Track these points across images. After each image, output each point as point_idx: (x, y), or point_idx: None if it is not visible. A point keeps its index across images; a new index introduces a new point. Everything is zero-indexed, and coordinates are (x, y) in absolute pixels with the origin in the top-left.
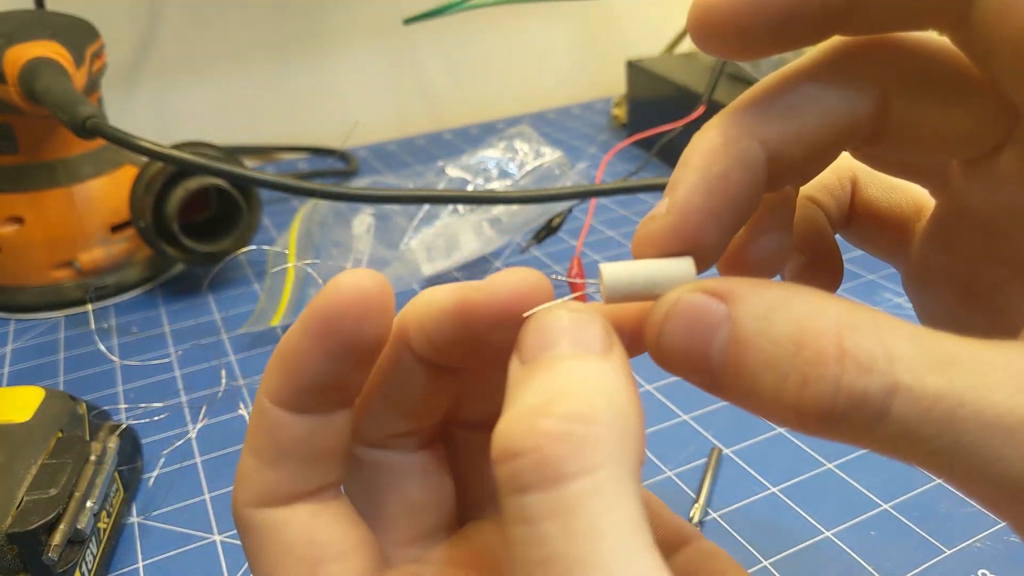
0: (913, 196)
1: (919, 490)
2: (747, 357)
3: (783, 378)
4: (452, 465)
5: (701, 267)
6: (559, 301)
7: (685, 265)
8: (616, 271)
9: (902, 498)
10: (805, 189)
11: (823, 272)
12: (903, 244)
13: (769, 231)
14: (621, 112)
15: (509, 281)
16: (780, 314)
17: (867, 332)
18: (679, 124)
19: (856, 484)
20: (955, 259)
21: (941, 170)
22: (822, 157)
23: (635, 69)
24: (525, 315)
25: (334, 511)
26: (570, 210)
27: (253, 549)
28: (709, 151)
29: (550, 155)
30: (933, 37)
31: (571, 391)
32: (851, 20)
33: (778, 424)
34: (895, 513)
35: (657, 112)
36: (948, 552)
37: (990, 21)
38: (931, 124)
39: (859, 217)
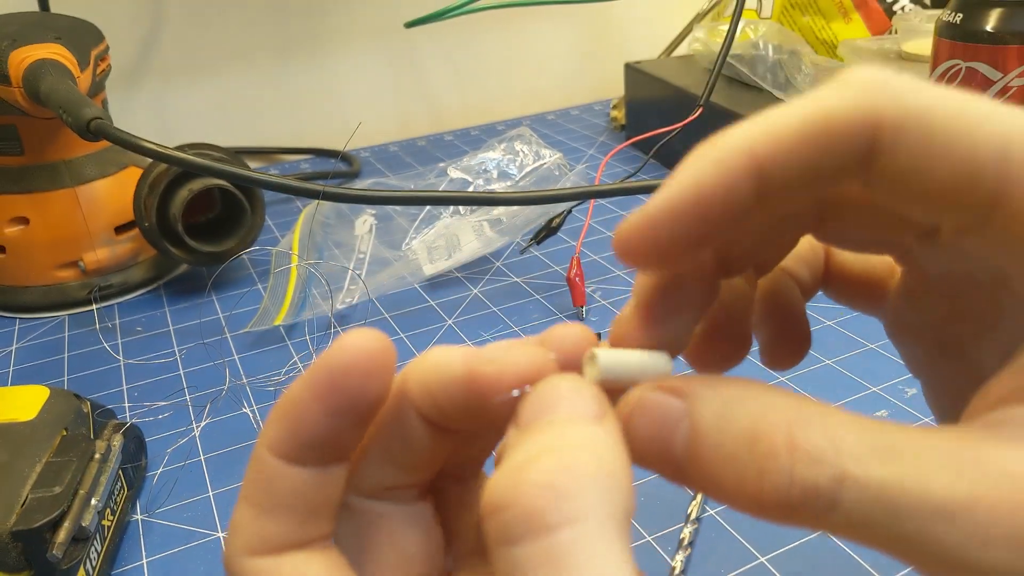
0: (885, 259)
1: None
2: (706, 451)
3: (742, 470)
4: (441, 516)
5: (675, 354)
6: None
7: (661, 360)
8: (609, 360)
9: None
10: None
11: (789, 342)
12: (879, 301)
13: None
14: (620, 114)
15: (520, 358)
16: (735, 410)
17: (815, 426)
18: (677, 126)
19: None
20: (924, 317)
21: (899, 244)
22: (776, 246)
23: (633, 72)
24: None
25: (325, 561)
26: (569, 211)
27: None
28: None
29: (550, 157)
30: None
31: (558, 447)
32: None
33: (743, 512)
34: None
35: (655, 114)
36: None
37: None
38: (872, 212)
39: (835, 280)
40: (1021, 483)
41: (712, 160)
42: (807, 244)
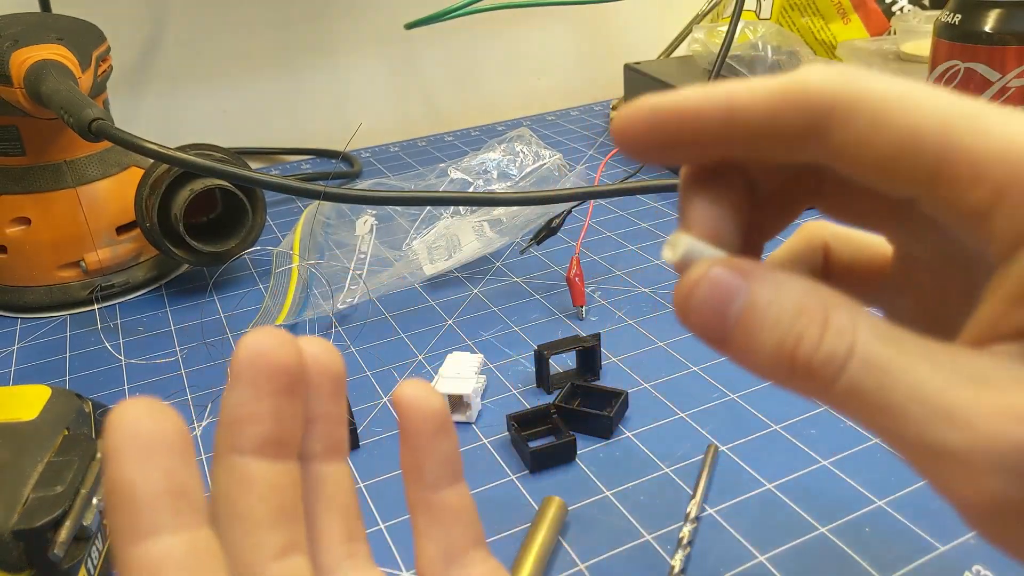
0: (882, 252)
1: (913, 487)
2: (756, 318)
3: (783, 335)
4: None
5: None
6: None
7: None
8: (690, 245)
9: (896, 495)
10: (777, 257)
11: None
12: (876, 291)
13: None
14: None
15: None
16: (786, 290)
17: (844, 310)
18: None
19: (851, 481)
20: (915, 302)
21: (887, 221)
22: (784, 212)
23: (633, 72)
24: None
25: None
26: (569, 211)
27: None
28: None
29: (550, 157)
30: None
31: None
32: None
33: (765, 376)
34: (889, 510)
35: None
36: (942, 548)
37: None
38: (855, 187)
39: (835, 277)
40: (983, 385)
41: (695, 89)
42: (805, 244)
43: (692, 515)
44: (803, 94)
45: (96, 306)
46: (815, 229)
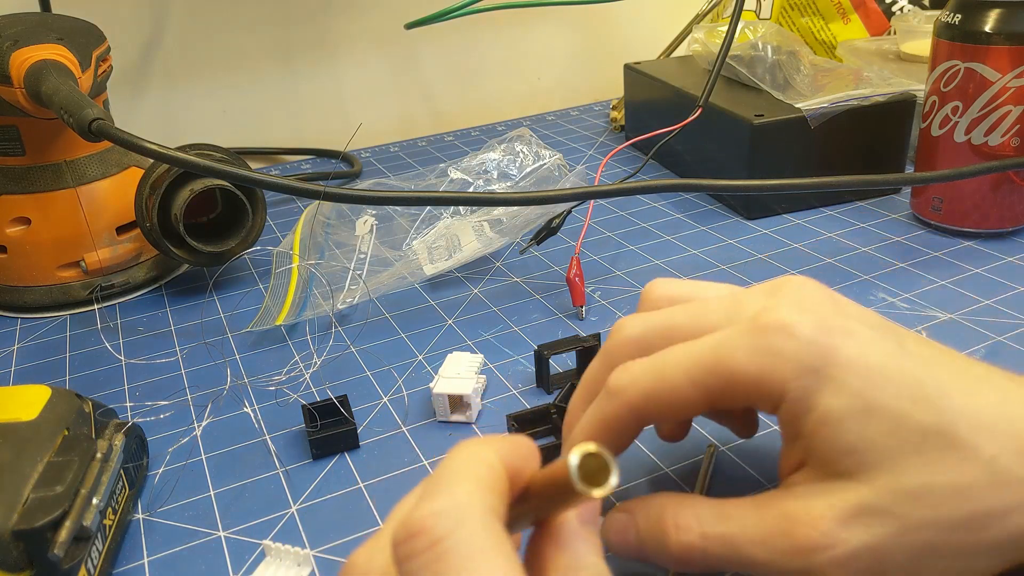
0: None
1: None
2: (644, 536)
3: (659, 542)
4: None
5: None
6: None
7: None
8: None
9: None
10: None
11: (744, 426)
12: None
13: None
14: (619, 115)
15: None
16: (652, 512)
17: (686, 512)
18: (677, 127)
19: None
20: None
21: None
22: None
23: (633, 73)
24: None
25: None
26: (569, 211)
27: None
28: (574, 414)
29: (549, 157)
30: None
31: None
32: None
33: (666, 566)
34: None
35: (654, 115)
36: None
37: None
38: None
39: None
40: (790, 516)
41: (611, 416)
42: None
43: None
44: (617, 424)
45: (96, 306)
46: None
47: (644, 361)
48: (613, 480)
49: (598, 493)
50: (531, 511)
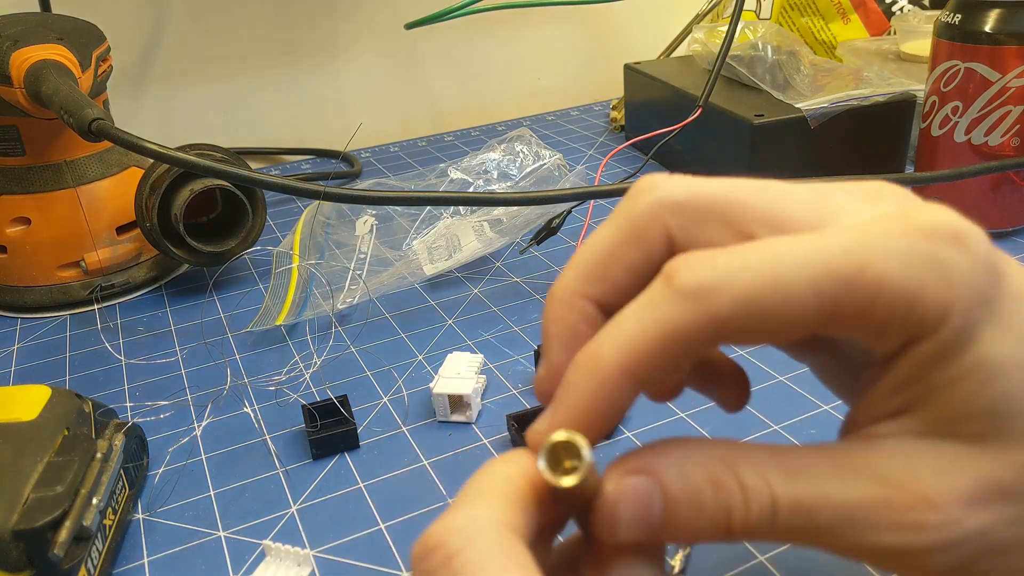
0: None
1: None
2: (682, 508)
3: (713, 514)
4: None
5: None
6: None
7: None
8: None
9: None
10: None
11: (733, 391)
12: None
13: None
14: (619, 115)
15: None
16: (691, 470)
17: (749, 466)
18: (677, 127)
19: None
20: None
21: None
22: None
23: (633, 73)
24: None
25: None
26: (569, 211)
27: None
28: (556, 319)
29: (549, 157)
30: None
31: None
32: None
33: (704, 542)
34: None
35: (654, 115)
36: None
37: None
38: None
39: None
40: (889, 481)
41: (596, 386)
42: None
43: None
44: (693, 334)
45: (96, 306)
46: (647, 226)
47: (737, 253)
48: (586, 461)
49: (567, 482)
50: (556, 519)
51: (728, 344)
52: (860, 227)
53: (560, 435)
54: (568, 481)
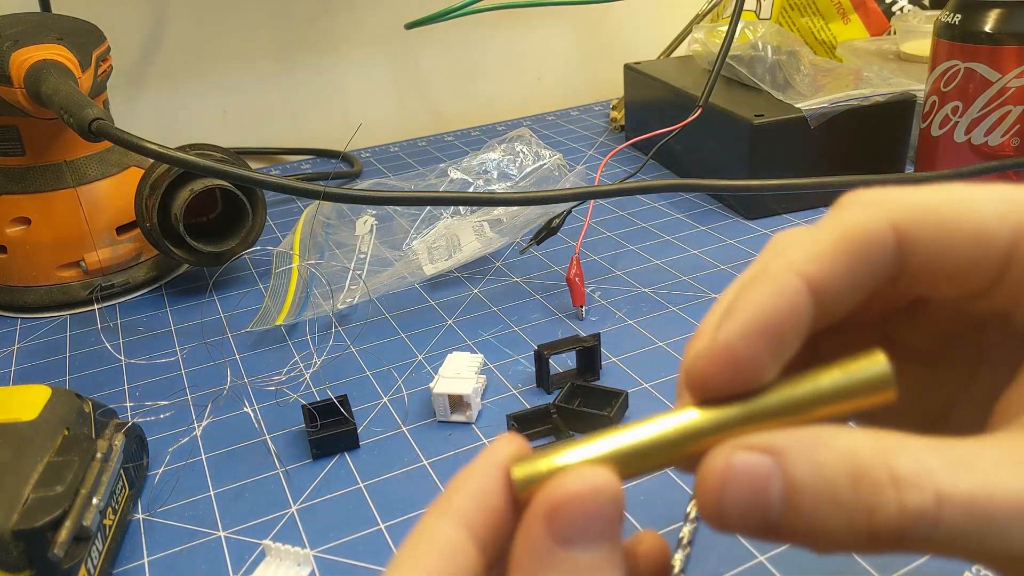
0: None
1: None
2: (808, 500)
3: (850, 511)
4: None
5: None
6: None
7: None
8: None
9: None
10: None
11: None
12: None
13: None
14: (619, 115)
15: None
16: (827, 456)
17: (904, 455)
18: (677, 127)
19: None
20: (908, 396)
21: (883, 324)
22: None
23: (633, 73)
24: None
25: None
26: (569, 211)
27: None
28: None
29: (549, 157)
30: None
31: None
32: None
33: (841, 551)
34: None
35: (654, 115)
36: None
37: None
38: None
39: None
40: None
41: (772, 287)
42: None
43: (692, 515)
44: (873, 239)
45: (96, 306)
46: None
47: (925, 188)
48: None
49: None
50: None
51: (907, 282)
52: None
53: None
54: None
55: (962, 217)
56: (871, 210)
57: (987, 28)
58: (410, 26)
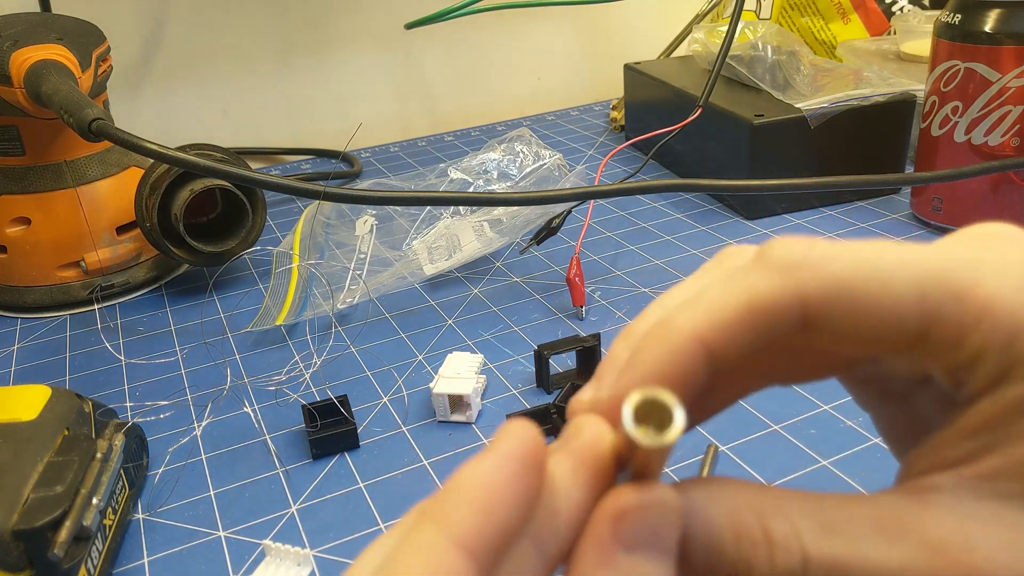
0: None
1: None
2: (697, 551)
3: (734, 564)
4: None
5: None
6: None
7: None
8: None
9: None
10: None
11: None
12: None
13: None
14: (619, 115)
15: None
16: (713, 511)
17: (779, 516)
18: (677, 127)
19: (851, 481)
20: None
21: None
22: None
23: (632, 73)
24: None
25: None
26: (569, 211)
27: None
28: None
29: (549, 157)
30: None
31: None
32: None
33: None
34: None
35: (654, 115)
36: None
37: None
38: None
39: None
40: (938, 548)
41: (671, 349)
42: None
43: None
44: (775, 306)
45: (96, 306)
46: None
47: (842, 244)
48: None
49: (668, 438)
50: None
51: (814, 343)
52: (981, 244)
53: (648, 392)
54: (665, 437)
55: (876, 296)
56: (781, 280)
57: (987, 28)
58: (410, 26)
